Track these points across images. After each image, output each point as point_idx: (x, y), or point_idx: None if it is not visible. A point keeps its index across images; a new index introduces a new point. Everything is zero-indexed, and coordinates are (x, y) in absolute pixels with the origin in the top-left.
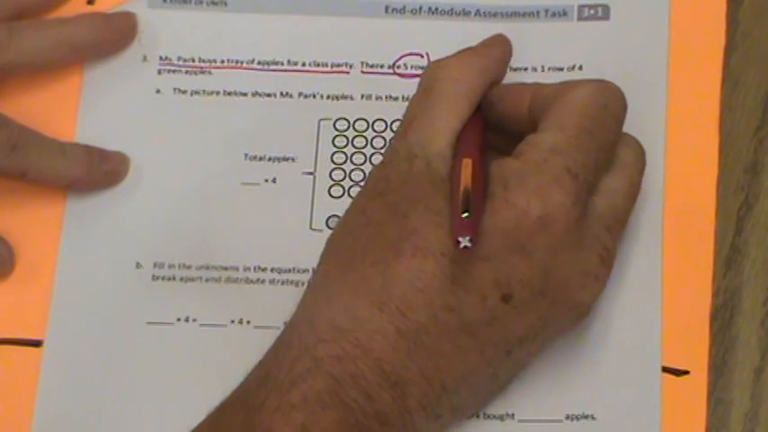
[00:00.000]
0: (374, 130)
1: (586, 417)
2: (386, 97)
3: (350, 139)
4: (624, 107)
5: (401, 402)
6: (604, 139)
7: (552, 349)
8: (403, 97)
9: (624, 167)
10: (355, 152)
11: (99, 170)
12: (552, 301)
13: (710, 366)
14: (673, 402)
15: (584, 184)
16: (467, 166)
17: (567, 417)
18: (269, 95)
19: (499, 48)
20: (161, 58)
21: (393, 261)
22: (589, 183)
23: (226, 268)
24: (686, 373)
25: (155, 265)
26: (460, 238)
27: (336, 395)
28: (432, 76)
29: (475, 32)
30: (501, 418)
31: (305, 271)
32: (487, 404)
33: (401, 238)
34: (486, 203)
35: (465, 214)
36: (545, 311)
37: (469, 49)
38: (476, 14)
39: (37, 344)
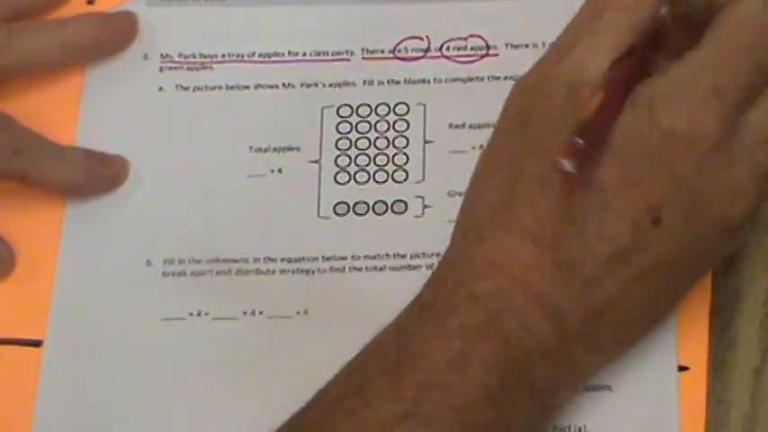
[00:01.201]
0: (377, 114)
1: (602, 388)
2: (388, 82)
3: (353, 125)
4: None
5: (562, 335)
6: (761, 58)
7: None
8: (405, 80)
9: None
10: (360, 137)
11: (99, 175)
12: (703, 222)
13: (710, 366)
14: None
15: (734, 103)
16: (596, 93)
17: None
18: (271, 87)
19: None
20: (162, 55)
21: (540, 196)
22: (740, 102)
23: (236, 261)
24: (685, 369)
25: (164, 261)
26: (562, 160)
27: (494, 328)
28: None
29: (475, 12)
30: None
31: (314, 259)
32: (645, 336)
33: (546, 172)
34: (632, 124)
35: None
36: (696, 233)
37: None
38: None
39: (37, 344)
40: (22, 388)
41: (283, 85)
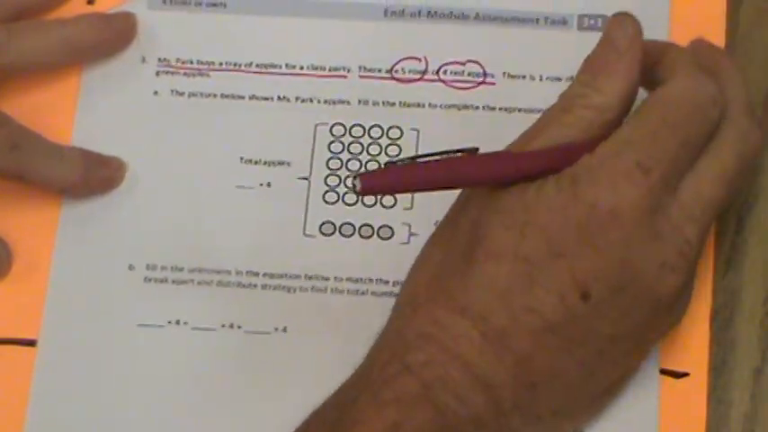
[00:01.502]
0: (370, 137)
1: None
2: (383, 103)
3: (346, 145)
4: (717, 104)
5: (494, 405)
6: (688, 135)
7: None
8: (400, 103)
9: (716, 152)
10: (351, 158)
11: (95, 176)
12: (633, 297)
13: (710, 367)
14: (672, 404)
15: (658, 179)
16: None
17: None
18: (266, 99)
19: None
20: (159, 59)
21: (468, 269)
22: (666, 177)
23: (218, 272)
24: (686, 375)
25: (147, 266)
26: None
27: (428, 398)
28: (577, 94)
29: (475, 36)
30: None
31: (297, 277)
32: (600, 409)
33: (472, 245)
34: (556, 198)
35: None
36: (627, 308)
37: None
38: (475, 18)
39: (31, 343)
40: (15, 387)
41: (278, 97)
